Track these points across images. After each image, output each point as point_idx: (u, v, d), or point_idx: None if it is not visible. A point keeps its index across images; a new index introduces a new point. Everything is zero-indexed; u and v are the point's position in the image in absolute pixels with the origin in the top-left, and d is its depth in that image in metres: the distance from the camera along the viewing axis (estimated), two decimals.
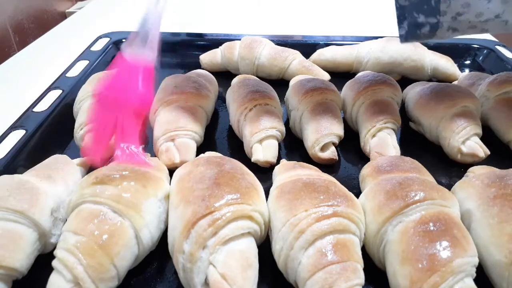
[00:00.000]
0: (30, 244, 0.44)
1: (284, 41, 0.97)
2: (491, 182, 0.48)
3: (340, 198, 0.44)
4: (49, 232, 0.46)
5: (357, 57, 0.91)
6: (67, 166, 0.54)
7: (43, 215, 0.45)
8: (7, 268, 0.41)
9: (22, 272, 0.43)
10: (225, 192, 0.43)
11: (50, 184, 0.50)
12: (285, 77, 0.89)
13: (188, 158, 0.60)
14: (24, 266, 0.43)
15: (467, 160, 0.64)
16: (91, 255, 0.40)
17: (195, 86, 0.69)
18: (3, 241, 0.42)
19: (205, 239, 0.40)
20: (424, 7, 0.57)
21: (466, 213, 0.48)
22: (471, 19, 0.57)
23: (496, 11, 0.55)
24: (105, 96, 0.59)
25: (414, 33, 0.61)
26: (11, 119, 0.68)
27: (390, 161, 0.55)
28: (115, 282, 0.42)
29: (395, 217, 0.44)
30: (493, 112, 0.70)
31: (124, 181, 0.46)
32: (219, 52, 0.92)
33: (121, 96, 0.57)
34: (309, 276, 0.40)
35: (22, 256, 0.43)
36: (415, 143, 0.71)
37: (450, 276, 0.39)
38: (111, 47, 0.97)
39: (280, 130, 0.64)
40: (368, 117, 0.67)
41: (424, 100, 0.70)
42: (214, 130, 0.74)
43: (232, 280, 0.39)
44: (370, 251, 0.47)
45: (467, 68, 0.95)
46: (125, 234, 0.43)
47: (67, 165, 0.55)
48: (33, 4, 1.42)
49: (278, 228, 0.44)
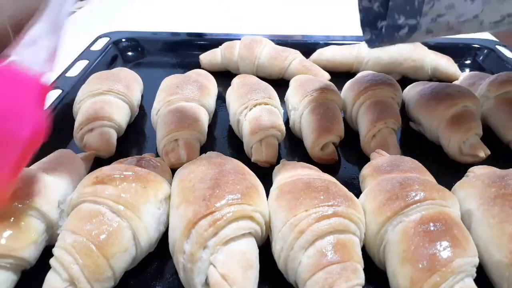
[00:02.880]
0: (38, 235, 0.44)
1: (284, 41, 0.97)
2: (491, 182, 0.48)
3: (340, 198, 0.44)
4: (56, 223, 0.47)
5: (357, 57, 0.91)
6: (72, 160, 0.55)
7: (50, 206, 0.46)
8: (16, 258, 0.42)
9: (31, 262, 0.44)
10: (226, 192, 0.43)
11: (56, 177, 0.50)
12: (285, 77, 0.89)
13: (192, 158, 0.59)
14: (33, 256, 0.44)
15: (467, 160, 0.64)
16: (88, 255, 0.40)
17: (196, 86, 0.69)
18: (12, 231, 0.43)
19: (205, 239, 0.40)
20: (406, 8, 0.56)
21: (466, 213, 0.48)
22: (450, 20, 0.57)
23: (476, 11, 0.55)
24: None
25: (391, 35, 0.60)
26: None
27: (390, 161, 0.54)
28: (111, 282, 0.42)
29: (396, 217, 0.44)
30: (494, 112, 0.70)
31: (124, 182, 0.46)
32: (219, 52, 0.92)
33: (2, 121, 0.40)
34: (309, 276, 0.40)
35: (31, 246, 0.43)
36: (415, 143, 0.71)
37: (450, 276, 0.39)
38: (111, 47, 0.97)
39: (280, 130, 0.64)
40: (368, 117, 0.66)
41: (425, 100, 0.70)
42: (214, 130, 0.74)
43: (232, 281, 0.39)
44: (370, 251, 0.47)
45: (467, 68, 0.95)
46: (122, 235, 0.43)
47: (72, 159, 0.56)
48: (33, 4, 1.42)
49: (278, 228, 0.43)
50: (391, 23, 0.58)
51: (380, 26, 0.61)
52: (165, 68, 0.96)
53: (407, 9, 0.56)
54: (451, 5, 0.55)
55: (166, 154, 0.61)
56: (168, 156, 0.61)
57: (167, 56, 1.00)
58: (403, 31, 0.58)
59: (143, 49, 1.00)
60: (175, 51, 1.02)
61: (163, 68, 0.96)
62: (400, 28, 0.58)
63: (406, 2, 0.56)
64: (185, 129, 0.63)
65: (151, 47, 1.00)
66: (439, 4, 0.55)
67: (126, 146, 0.65)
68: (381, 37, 0.60)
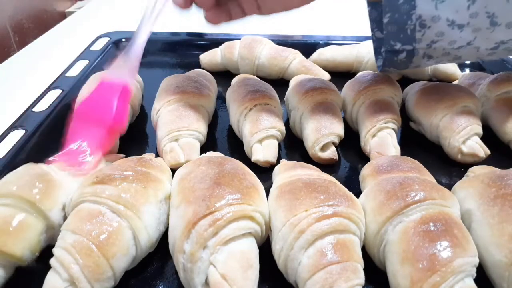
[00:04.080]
0: (36, 235, 0.44)
1: (284, 41, 0.97)
2: (491, 182, 0.48)
3: (340, 198, 0.44)
4: (57, 225, 0.46)
5: (357, 57, 0.91)
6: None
7: (53, 208, 0.46)
8: (7, 254, 0.42)
9: (24, 261, 0.43)
10: (226, 192, 0.43)
11: (69, 177, 0.50)
12: (285, 77, 0.89)
13: (192, 158, 0.60)
14: (27, 255, 0.43)
15: (467, 160, 0.64)
16: (88, 255, 0.40)
17: (196, 86, 0.69)
18: (9, 227, 0.43)
19: (205, 239, 0.40)
20: (400, 35, 0.60)
21: (466, 213, 0.48)
22: (445, 46, 0.60)
23: (468, 38, 0.58)
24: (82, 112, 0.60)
25: (391, 59, 0.63)
26: (11, 119, 0.68)
27: (390, 161, 0.54)
28: (111, 282, 0.42)
29: (396, 217, 0.44)
30: (494, 112, 0.70)
31: (124, 182, 0.46)
32: (219, 52, 0.92)
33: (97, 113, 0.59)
34: (309, 276, 0.40)
35: (25, 245, 0.43)
36: (415, 143, 0.71)
37: (450, 276, 0.39)
38: (111, 46, 0.97)
39: (280, 130, 0.64)
40: (368, 117, 0.66)
41: (425, 100, 0.70)
42: (214, 130, 0.74)
43: (232, 281, 0.39)
44: (370, 251, 0.47)
45: (467, 68, 0.95)
46: (123, 235, 0.43)
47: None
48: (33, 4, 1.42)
49: (278, 228, 0.43)
50: (388, 48, 0.62)
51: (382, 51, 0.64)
52: (165, 68, 0.96)
53: (401, 36, 0.60)
54: (441, 33, 0.58)
55: (166, 154, 0.61)
56: (168, 156, 0.61)
57: (167, 56, 1.00)
58: (401, 55, 0.62)
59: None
60: (175, 51, 1.02)
61: (163, 68, 0.96)
62: (398, 52, 0.62)
63: (399, 30, 0.59)
64: (185, 129, 0.63)
65: (151, 47, 0.99)
66: (430, 32, 0.58)
67: (126, 146, 0.65)
68: (383, 60, 0.63)
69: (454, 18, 0.56)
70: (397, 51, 0.62)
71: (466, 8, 0.55)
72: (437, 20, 0.57)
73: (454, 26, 0.57)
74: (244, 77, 0.78)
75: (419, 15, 0.57)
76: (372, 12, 0.64)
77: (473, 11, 0.55)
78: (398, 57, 0.63)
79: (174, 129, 0.62)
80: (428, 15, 0.57)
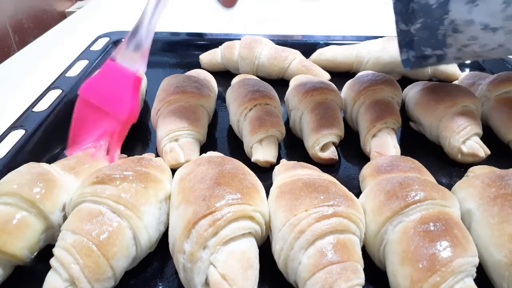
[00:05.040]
0: (35, 234, 0.45)
1: (284, 41, 0.97)
2: (491, 182, 0.48)
3: (340, 198, 0.44)
4: (57, 225, 0.46)
5: (357, 57, 0.91)
6: (97, 163, 0.55)
7: (53, 208, 0.46)
8: (6, 253, 0.42)
9: (23, 260, 0.44)
10: (226, 192, 0.43)
11: (72, 177, 0.50)
12: (285, 77, 0.89)
13: (192, 158, 0.60)
14: (26, 254, 0.43)
15: (467, 160, 0.64)
16: (88, 255, 0.40)
17: (196, 86, 0.69)
18: (8, 226, 0.43)
19: (205, 239, 0.40)
20: (432, 41, 0.59)
21: (466, 213, 0.48)
22: (476, 50, 0.59)
23: (500, 41, 0.57)
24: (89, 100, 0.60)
25: (420, 63, 0.63)
26: (11, 119, 0.68)
27: (390, 161, 0.54)
28: (112, 282, 0.42)
29: (396, 217, 0.44)
30: (494, 112, 0.70)
31: (124, 182, 0.46)
32: (219, 52, 0.92)
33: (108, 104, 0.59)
34: (309, 276, 0.40)
35: (25, 244, 0.43)
36: (415, 143, 0.71)
37: (450, 276, 0.39)
38: (111, 46, 0.97)
39: (280, 130, 0.64)
40: (368, 117, 0.66)
41: (425, 100, 0.70)
42: (214, 130, 0.74)
43: (232, 281, 0.39)
44: (370, 251, 0.47)
45: (467, 68, 0.95)
46: (123, 235, 0.43)
47: (97, 161, 0.55)
48: (33, 4, 1.42)
49: (278, 228, 0.43)
50: (418, 54, 0.61)
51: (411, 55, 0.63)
52: (165, 68, 0.96)
53: (432, 42, 0.59)
54: (474, 37, 0.57)
55: (166, 154, 0.61)
56: (168, 156, 0.61)
57: (167, 56, 1.00)
58: (431, 59, 0.61)
59: None
60: (175, 51, 1.02)
61: (163, 68, 0.96)
62: (429, 57, 0.61)
63: (431, 36, 0.58)
64: (185, 129, 0.63)
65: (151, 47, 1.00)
66: (462, 37, 0.57)
67: (126, 145, 0.64)
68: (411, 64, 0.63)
69: (488, 21, 0.55)
70: (426, 56, 0.61)
71: (500, 11, 0.54)
72: (470, 24, 0.56)
73: (488, 29, 0.56)
74: (244, 77, 0.78)
75: (451, 20, 0.56)
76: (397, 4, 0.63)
77: (508, 14, 0.54)
78: (428, 61, 0.62)
79: (174, 129, 0.62)
80: (462, 19, 0.55)
